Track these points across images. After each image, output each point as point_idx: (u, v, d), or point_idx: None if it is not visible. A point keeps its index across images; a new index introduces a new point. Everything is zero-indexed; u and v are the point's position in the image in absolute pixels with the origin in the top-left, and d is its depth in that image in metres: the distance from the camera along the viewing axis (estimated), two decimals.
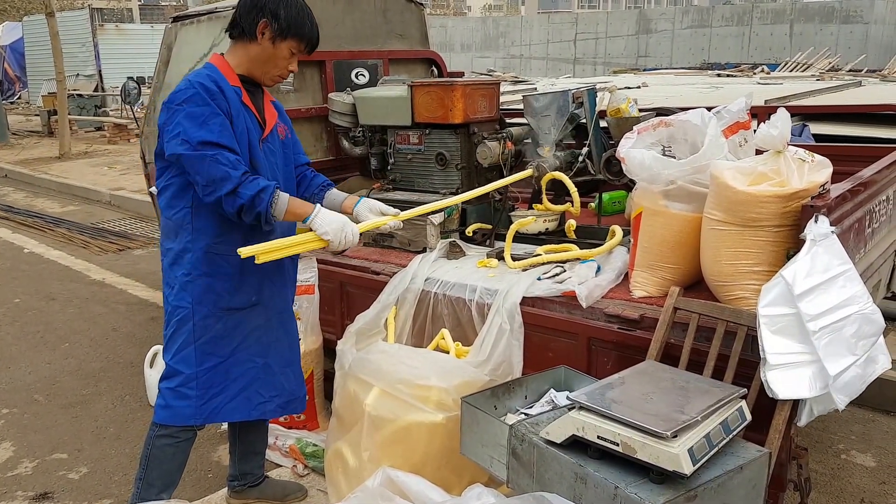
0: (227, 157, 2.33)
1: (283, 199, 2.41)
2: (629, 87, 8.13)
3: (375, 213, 2.71)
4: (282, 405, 2.74)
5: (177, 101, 2.36)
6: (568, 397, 2.23)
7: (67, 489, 3.28)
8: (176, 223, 2.50)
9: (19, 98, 24.59)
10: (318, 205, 2.52)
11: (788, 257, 2.24)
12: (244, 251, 2.34)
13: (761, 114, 3.65)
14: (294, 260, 2.79)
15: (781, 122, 2.34)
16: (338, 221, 2.48)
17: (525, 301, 2.82)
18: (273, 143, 2.61)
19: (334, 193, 2.83)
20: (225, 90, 2.41)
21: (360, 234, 2.56)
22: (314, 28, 2.53)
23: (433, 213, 3.09)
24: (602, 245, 3.07)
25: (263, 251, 2.37)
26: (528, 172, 3.42)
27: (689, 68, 16.60)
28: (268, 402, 2.68)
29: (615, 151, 2.97)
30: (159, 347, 3.98)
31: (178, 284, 2.51)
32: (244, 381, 2.60)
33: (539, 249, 3.26)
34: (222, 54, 2.54)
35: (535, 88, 8.51)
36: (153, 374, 3.80)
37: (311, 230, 2.50)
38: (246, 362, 2.60)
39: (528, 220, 3.34)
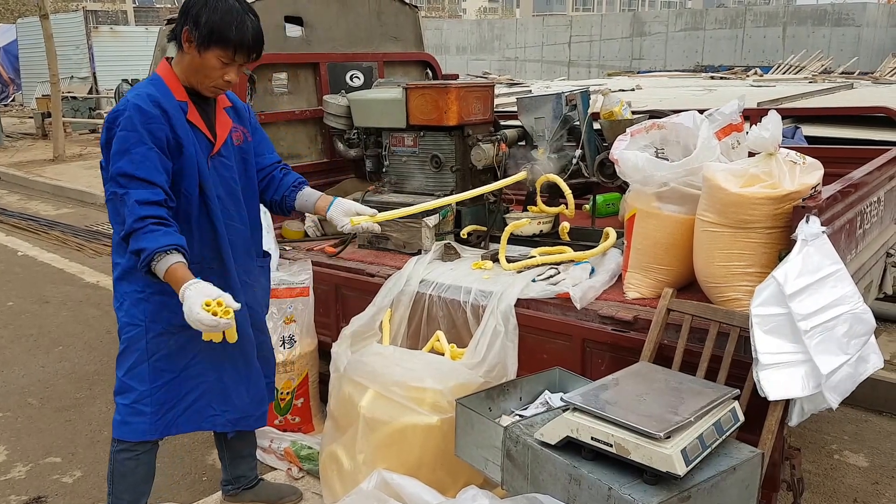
0: (134, 196, 2.18)
1: (162, 268, 2.15)
2: (623, 90, 8.16)
3: (350, 215, 2.65)
4: (233, 421, 2.65)
5: (114, 122, 2.27)
6: (562, 399, 2.24)
7: (61, 493, 3.27)
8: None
9: (13, 100, 24.52)
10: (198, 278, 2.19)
11: (781, 258, 2.25)
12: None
13: (754, 116, 3.67)
14: (265, 276, 2.76)
15: (773, 124, 2.35)
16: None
17: (520, 303, 2.83)
18: (227, 156, 2.49)
19: (307, 193, 2.73)
20: (168, 110, 2.29)
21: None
22: (245, 32, 2.27)
23: (407, 216, 3.04)
24: (596, 247, 3.08)
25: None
26: (522, 175, 3.43)
27: (683, 71, 16.65)
28: (218, 416, 2.61)
29: (609, 153, 2.98)
30: None
31: (129, 301, 2.43)
32: (196, 394, 2.54)
33: (533, 251, 3.27)
34: (170, 60, 2.40)
35: (530, 91, 8.53)
36: None
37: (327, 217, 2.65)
38: (197, 377, 2.53)
39: (522, 223, 3.35)
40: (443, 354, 2.91)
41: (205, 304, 2.11)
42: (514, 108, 3.78)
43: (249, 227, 2.63)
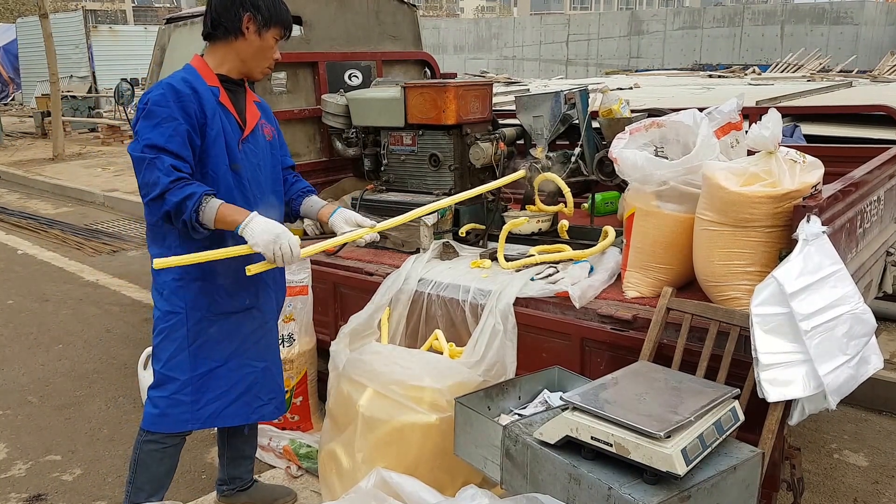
0: (165, 161, 2.26)
1: (213, 206, 2.26)
2: (621, 88, 8.16)
3: (351, 225, 2.61)
4: (279, 405, 2.77)
5: (143, 101, 2.35)
6: (561, 398, 2.23)
7: (61, 491, 3.27)
8: (160, 227, 2.44)
9: (13, 99, 24.54)
10: (255, 212, 2.31)
11: (781, 258, 2.25)
12: (160, 262, 2.28)
13: (753, 114, 3.67)
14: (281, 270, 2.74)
15: (773, 122, 2.34)
16: (269, 233, 2.26)
17: (518, 302, 2.82)
18: (255, 143, 2.56)
19: (312, 200, 2.77)
20: (199, 91, 2.38)
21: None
22: (289, 11, 2.55)
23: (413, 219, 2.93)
24: (595, 245, 3.08)
25: (180, 262, 2.28)
26: (521, 173, 3.43)
27: (681, 69, 16.65)
28: (266, 405, 2.69)
29: (607, 152, 2.98)
30: None
31: (169, 289, 2.48)
32: (243, 386, 2.60)
33: (532, 250, 3.26)
34: (202, 55, 2.51)
35: (528, 90, 8.52)
36: (147, 376, 3.79)
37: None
38: (244, 367, 2.59)
39: (521, 221, 3.35)
40: (441, 353, 2.91)
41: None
42: (513, 107, 3.78)
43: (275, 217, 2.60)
